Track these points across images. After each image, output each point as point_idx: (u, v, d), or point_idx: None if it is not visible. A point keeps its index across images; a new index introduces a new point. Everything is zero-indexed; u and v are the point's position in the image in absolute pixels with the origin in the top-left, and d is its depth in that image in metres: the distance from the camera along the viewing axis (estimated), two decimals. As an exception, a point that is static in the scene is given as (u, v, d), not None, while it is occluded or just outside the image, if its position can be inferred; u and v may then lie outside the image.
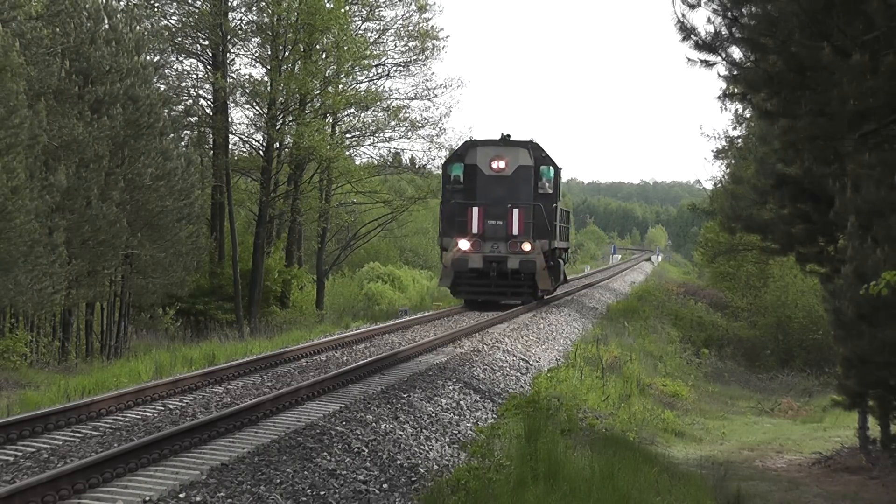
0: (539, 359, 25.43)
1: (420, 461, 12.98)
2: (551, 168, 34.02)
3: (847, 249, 16.45)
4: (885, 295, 12.55)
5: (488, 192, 33.37)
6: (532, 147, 33.92)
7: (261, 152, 47.45)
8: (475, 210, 33.11)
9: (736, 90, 17.01)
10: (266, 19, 46.51)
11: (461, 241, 32.99)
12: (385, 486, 11.45)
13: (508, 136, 34.08)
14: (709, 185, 57.28)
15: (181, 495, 9.61)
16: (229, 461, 10.97)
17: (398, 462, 12.63)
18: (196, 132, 46.77)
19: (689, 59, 14.46)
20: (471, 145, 34.15)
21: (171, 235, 35.54)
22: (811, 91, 13.65)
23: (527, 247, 32.93)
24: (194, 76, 46.93)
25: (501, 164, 33.50)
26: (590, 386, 22.71)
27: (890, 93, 13.12)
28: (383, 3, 51.06)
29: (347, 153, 50.92)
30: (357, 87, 50.40)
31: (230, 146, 47.63)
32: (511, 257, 33.00)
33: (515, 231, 33.09)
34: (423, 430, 14.68)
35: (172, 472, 10.49)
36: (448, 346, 23.15)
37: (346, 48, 46.61)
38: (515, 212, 33.06)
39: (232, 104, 47.09)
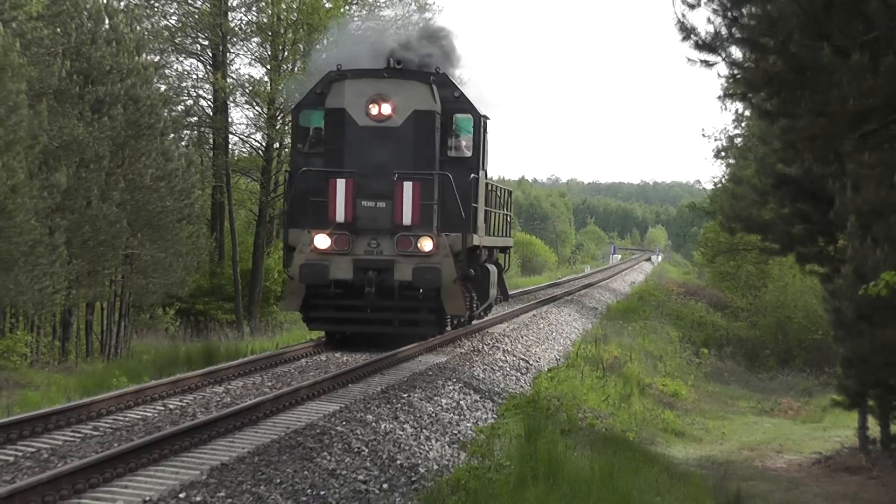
0: (539, 359, 25.44)
1: (420, 461, 12.98)
2: (470, 117, 22.18)
3: (847, 249, 16.47)
4: (884, 295, 12.56)
5: (364, 156, 21.33)
6: (437, 82, 21.86)
7: (261, 152, 47.46)
8: (341, 184, 21.12)
9: (736, 90, 17.01)
10: (265, 19, 46.52)
11: (318, 237, 20.98)
12: (385, 486, 11.45)
13: (398, 63, 22.11)
14: (709, 186, 57.26)
15: (181, 495, 9.62)
16: (229, 461, 10.97)
17: (398, 462, 12.63)
18: (196, 132, 46.78)
19: (689, 59, 14.47)
20: (336, 78, 21.63)
21: (171, 235, 35.51)
22: (811, 91, 13.66)
23: (426, 245, 21.07)
24: (194, 76, 46.95)
25: (386, 110, 21.34)
26: (590, 386, 22.72)
27: (890, 93, 13.12)
28: (383, 2, 51.06)
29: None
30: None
31: (230, 146, 47.65)
32: (400, 262, 21.06)
33: (408, 219, 21.19)
34: (423, 430, 14.69)
35: (172, 472, 10.49)
36: (448, 346, 23.15)
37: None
38: (408, 187, 21.14)
39: (232, 104, 47.11)
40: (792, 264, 33.07)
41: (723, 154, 46.71)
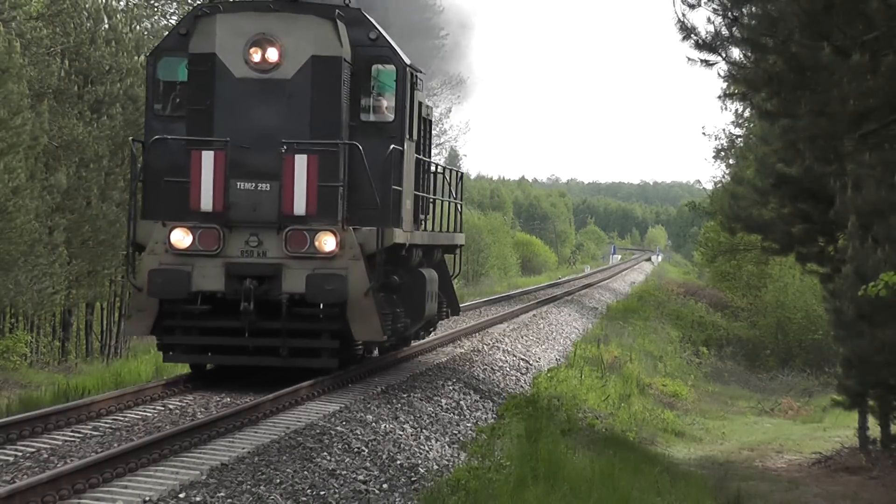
0: (539, 359, 25.44)
1: (420, 461, 12.98)
2: (393, 68, 16.81)
3: (847, 249, 16.47)
4: (883, 296, 12.57)
5: (241, 119, 16.03)
6: (347, 19, 16.49)
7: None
8: (207, 159, 15.90)
9: (736, 90, 17.03)
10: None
11: (175, 232, 15.79)
12: (385, 486, 11.45)
13: None
14: (709, 186, 57.26)
15: (181, 495, 9.61)
16: (229, 461, 10.97)
17: (398, 462, 12.63)
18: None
19: (689, 59, 14.50)
20: (204, 13, 16.43)
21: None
22: (811, 91, 13.67)
23: (327, 243, 15.76)
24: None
25: (272, 55, 15.98)
26: (590, 386, 22.73)
27: (890, 93, 13.13)
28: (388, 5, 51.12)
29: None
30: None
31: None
32: (290, 267, 15.76)
33: (301, 207, 15.91)
34: (423, 430, 14.69)
35: (172, 472, 10.49)
36: (448, 346, 23.15)
37: None
38: (301, 163, 15.86)
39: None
40: (792, 264, 33.11)
41: (723, 154, 46.75)
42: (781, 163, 20.53)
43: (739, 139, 42.56)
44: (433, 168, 20.49)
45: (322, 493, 10.57)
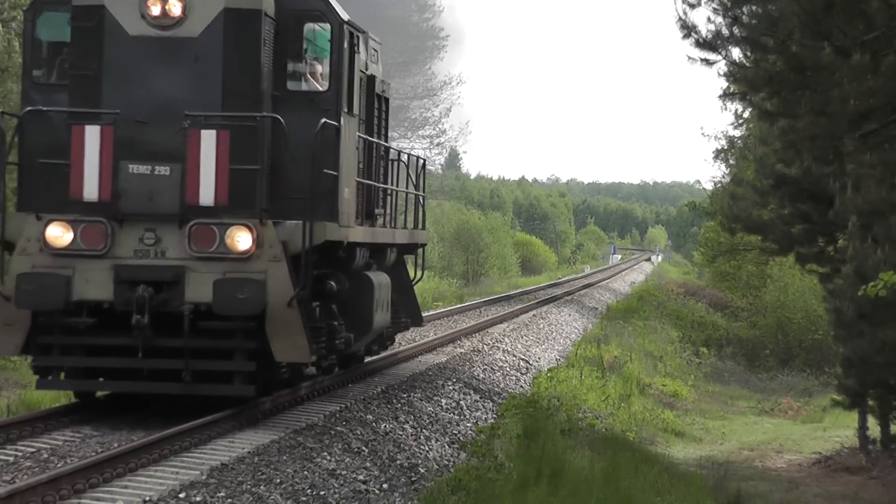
0: (539, 359, 25.45)
1: (420, 461, 12.99)
2: (327, 27, 14.00)
3: (847, 249, 16.49)
4: (883, 296, 12.58)
5: (134, 87, 13.26)
6: None
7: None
8: (92, 136, 13.12)
9: (736, 89, 17.04)
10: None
11: (52, 226, 12.98)
12: (385, 486, 11.46)
13: None
14: (709, 186, 57.34)
15: (181, 495, 9.62)
16: (229, 461, 10.97)
17: (398, 462, 12.64)
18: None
19: (689, 57, 14.51)
20: None
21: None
22: (811, 91, 13.68)
23: (241, 240, 12.94)
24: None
25: (175, 8, 13.26)
26: (590, 386, 22.73)
27: (890, 92, 13.13)
28: (383, 2, 51.16)
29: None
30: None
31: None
32: (195, 271, 12.97)
33: (208, 195, 13.16)
34: (423, 430, 14.69)
35: (172, 472, 10.49)
36: (448, 346, 23.15)
37: None
38: (209, 140, 13.12)
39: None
40: (792, 264, 33.10)
41: (722, 155, 46.78)
42: (781, 163, 20.55)
43: (739, 140, 42.59)
44: (391, 154, 17.68)
45: (322, 493, 10.58)
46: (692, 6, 14.26)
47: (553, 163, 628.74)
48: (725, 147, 46.09)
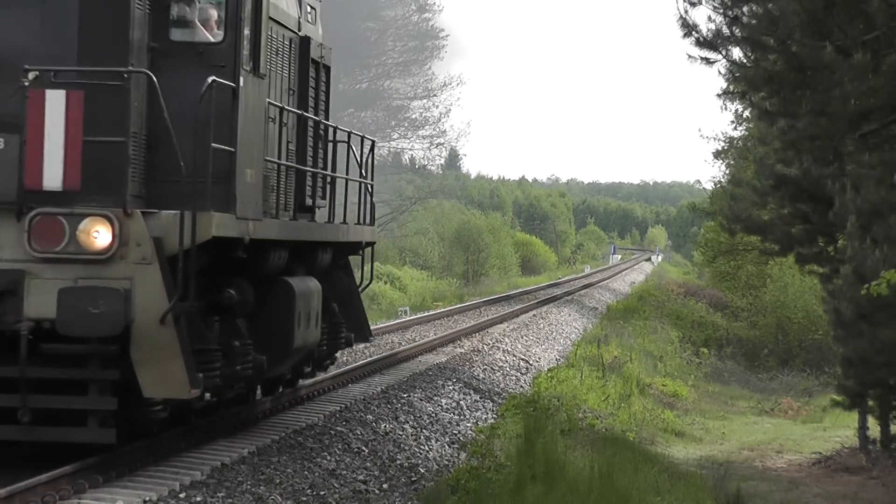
0: (539, 359, 25.45)
1: (420, 461, 12.99)
2: None
3: (847, 249, 16.49)
4: (884, 294, 12.57)
5: None
6: None
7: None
8: None
9: (736, 89, 17.04)
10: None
11: None
12: (385, 486, 11.46)
13: None
14: (709, 186, 57.34)
15: (181, 495, 9.61)
16: (229, 461, 10.97)
17: (398, 462, 12.64)
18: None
19: (689, 56, 14.50)
20: None
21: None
22: (811, 90, 13.67)
23: (98, 235, 9.73)
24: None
25: None
26: (590, 386, 22.73)
27: (891, 92, 13.13)
28: (383, 2, 51.17)
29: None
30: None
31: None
32: (35, 275, 9.74)
33: (54, 176, 9.86)
34: (423, 430, 14.69)
35: (172, 472, 10.48)
36: (448, 346, 23.16)
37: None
38: (56, 103, 9.76)
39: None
40: (792, 264, 33.10)
41: (722, 155, 46.79)
42: (781, 163, 20.55)
43: (738, 141, 42.60)
44: (337, 136, 14.74)
45: (322, 493, 10.58)
46: (693, 4, 14.25)
47: (553, 163, 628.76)
48: (725, 148, 46.11)
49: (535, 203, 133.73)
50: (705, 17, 17.84)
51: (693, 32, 14.23)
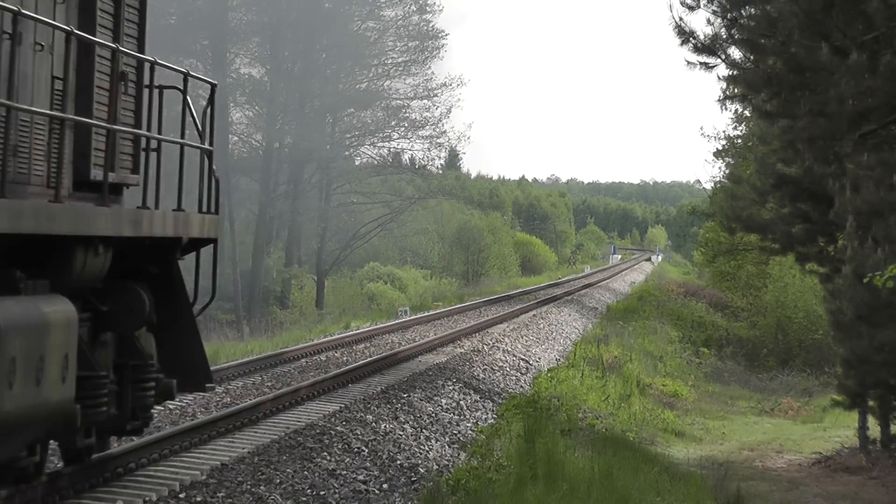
0: (539, 359, 25.45)
1: (420, 461, 13.00)
2: None
3: (847, 249, 16.49)
4: (889, 288, 12.56)
5: None
6: None
7: (260, 152, 47.53)
8: None
9: (736, 91, 17.05)
10: (266, 19, 46.62)
11: None
12: (385, 486, 11.47)
13: None
14: (709, 186, 57.31)
15: (181, 495, 9.63)
16: (229, 461, 10.98)
17: (398, 462, 12.65)
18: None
19: (688, 62, 14.52)
20: None
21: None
22: (810, 91, 13.69)
23: None
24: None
25: None
26: (590, 386, 22.73)
27: (889, 93, 13.14)
28: (383, 2, 51.13)
29: (347, 153, 51.08)
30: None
31: (230, 146, 47.74)
32: None
33: None
34: (423, 430, 14.70)
35: (172, 472, 10.50)
36: (448, 346, 23.16)
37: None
38: None
39: (232, 104, 47.17)
40: (792, 264, 33.10)
41: (722, 154, 46.76)
42: (781, 163, 20.56)
43: (738, 140, 42.59)
44: (146, 75, 9.84)
45: (322, 493, 10.59)
46: (691, 9, 14.28)
47: (553, 163, 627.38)
48: (725, 147, 46.09)
49: (535, 203, 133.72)
50: (703, 22, 17.89)
51: (690, 39, 14.26)
